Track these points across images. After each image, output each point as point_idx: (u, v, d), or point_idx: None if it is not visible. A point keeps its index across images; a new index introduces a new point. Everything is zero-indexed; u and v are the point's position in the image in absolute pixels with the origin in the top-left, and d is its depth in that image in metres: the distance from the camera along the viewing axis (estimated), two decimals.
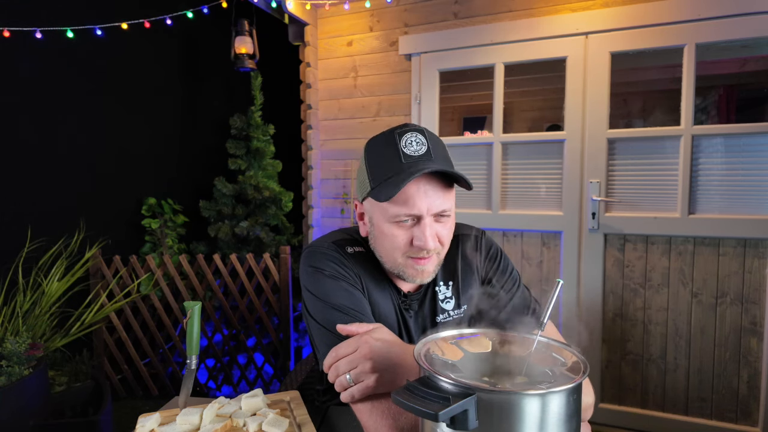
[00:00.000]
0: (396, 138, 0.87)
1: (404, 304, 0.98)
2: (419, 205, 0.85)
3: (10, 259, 2.05)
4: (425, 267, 0.89)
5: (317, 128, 2.88)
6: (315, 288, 0.91)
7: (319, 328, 0.89)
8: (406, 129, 0.88)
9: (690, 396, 2.17)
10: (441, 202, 0.86)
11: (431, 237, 0.86)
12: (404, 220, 0.87)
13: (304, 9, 2.66)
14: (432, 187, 0.85)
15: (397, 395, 0.53)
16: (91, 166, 2.74)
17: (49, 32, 2.17)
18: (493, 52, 2.41)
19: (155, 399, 2.62)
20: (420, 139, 0.87)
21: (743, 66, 3.18)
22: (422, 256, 0.88)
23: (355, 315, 0.87)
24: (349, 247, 0.97)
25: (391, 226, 0.88)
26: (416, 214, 0.85)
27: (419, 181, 0.85)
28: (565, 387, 0.53)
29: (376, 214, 0.90)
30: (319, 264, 0.93)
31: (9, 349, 1.68)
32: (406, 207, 0.85)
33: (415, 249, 0.87)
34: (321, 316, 0.89)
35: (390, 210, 0.86)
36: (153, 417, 0.84)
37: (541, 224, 2.38)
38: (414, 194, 0.84)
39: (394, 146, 0.86)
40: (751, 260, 2.05)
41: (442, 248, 0.91)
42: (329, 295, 0.89)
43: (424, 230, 0.85)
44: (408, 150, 0.86)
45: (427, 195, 0.85)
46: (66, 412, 2.01)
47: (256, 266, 2.61)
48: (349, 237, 1.00)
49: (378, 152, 0.90)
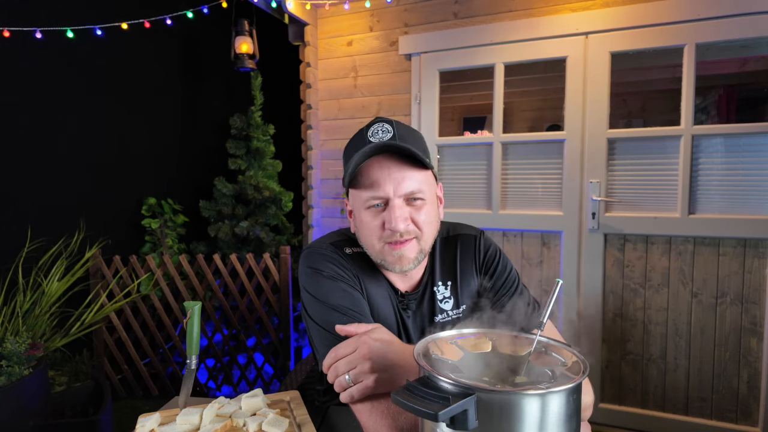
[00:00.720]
0: (364, 130, 0.92)
1: (402, 303, 0.98)
2: (384, 187, 0.87)
3: (10, 259, 2.05)
4: (402, 252, 0.90)
5: (317, 128, 2.88)
6: (314, 289, 0.92)
7: (318, 329, 0.89)
8: (375, 121, 0.93)
9: (690, 396, 2.17)
10: (408, 184, 0.88)
11: (400, 218, 0.87)
12: (375, 205, 0.89)
13: (304, 9, 2.66)
14: (398, 169, 0.88)
15: (397, 395, 0.53)
16: (91, 166, 2.74)
17: (49, 32, 2.17)
18: (493, 52, 2.41)
19: (155, 399, 2.62)
20: (386, 128, 0.90)
21: (743, 66, 3.18)
22: (396, 239, 0.89)
23: (354, 316, 0.88)
24: (347, 248, 0.98)
25: (365, 212, 0.91)
26: (382, 196, 0.88)
27: (384, 164, 0.88)
28: (565, 387, 0.53)
29: (355, 203, 0.94)
30: (317, 265, 0.94)
31: (9, 349, 1.68)
32: (373, 189, 0.88)
33: (387, 233, 0.89)
34: (320, 317, 0.89)
35: (362, 195, 0.90)
36: (153, 417, 0.84)
37: (541, 224, 2.38)
38: (379, 177, 0.88)
39: (362, 136, 0.91)
40: (751, 260, 2.05)
41: (421, 233, 0.91)
42: (328, 296, 0.90)
43: (392, 212, 0.87)
44: (373, 137, 0.89)
45: (392, 177, 0.87)
46: (66, 412, 2.01)
47: (256, 266, 2.61)
48: (347, 238, 1.01)
49: (350, 146, 0.94)
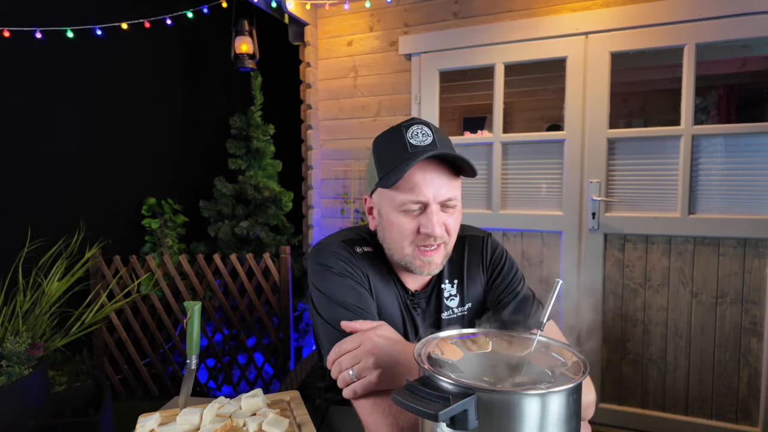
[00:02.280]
0: (402, 131, 0.90)
1: (412, 302, 0.99)
2: (425, 192, 0.87)
3: (10, 259, 2.05)
4: (432, 258, 0.91)
5: (317, 128, 2.88)
6: (322, 285, 0.92)
7: (324, 324, 0.90)
8: (412, 122, 0.91)
9: (690, 396, 2.17)
10: (447, 190, 0.88)
11: (438, 224, 0.87)
12: (412, 209, 0.88)
13: (304, 9, 2.66)
14: (438, 175, 0.88)
15: (398, 395, 0.53)
16: (91, 166, 2.74)
17: (49, 32, 2.17)
18: (493, 52, 2.41)
19: (155, 399, 2.61)
20: (425, 131, 0.89)
21: (743, 66, 3.18)
22: (429, 244, 0.90)
23: (361, 313, 0.88)
24: (358, 247, 0.98)
25: (398, 215, 0.89)
26: (422, 200, 0.87)
27: (425, 169, 0.87)
28: (565, 387, 0.53)
29: (384, 204, 0.92)
30: (327, 261, 0.94)
31: (9, 349, 1.68)
32: (413, 194, 0.87)
33: (422, 237, 0.89)
34: (327, 312, 0.90)
35: (397, 198, 0.88)
36: (153, 417, 0.84)
37: (541, 224, 2.38)
38: (420, 182, 0.87)
39: (401, 138, 0.89)
40: (751, 260, 2.05)
41: (449, 239, 0.93)
42: (335, 293, 0.90)
43: (431, 217, 0.87)
44: (414, 140, 0.88)
45: (433, 182, 0.87)
46: (66, 412, 2.00)
47: (256, 266, 2.61)
48: (359, 237, 1.01)
49: (385, 146, 0.93)
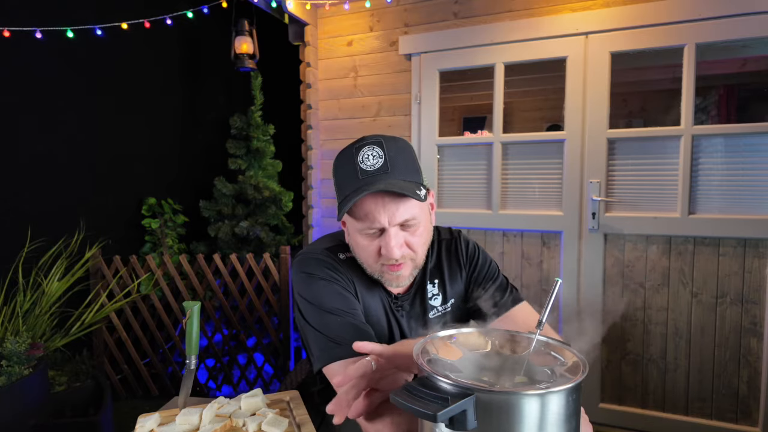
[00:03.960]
0: (354, 154, 0.89)
1: (395, 305, 1.02)
2: (379, 218, 0.87)
3: (10, 259, 2.05)
4: (399, 273, 0.93)
5: (317, 128, 2.88)
6: (308, 292, 0.93)
7: (312, 331, 0.90)
8: (363, 143, 0.90)
9: (690, 396, 2.17)
10: (402, 212, 0.88)
11: (396, 246, 0.89)
12: (370, 233, 0.90)
13: (304, 9, 2.66)
14: (391, 199, 0.87)
15: (396, 396, 0.53)
16: (91, 165, 2.74)
17: (49, 32, 2.17)
18: (493, 52, 2.41)
19: (155, 399, 2.61)
20: (377, 152, 0.88)
21: (743, 66, 3.18)
22: (392, 263, 0.91)
23: (349, 318, 0.90)
24: (341, 253, 1.00)
25: (361, 237, 0.92)
26: (377, 227, 0.89)
27: (377, 195, 0.87)
28: (565, 387, 0.53)
29: (350, 226, 0.95)
30: (311, 269, 0.96)
31: (9, 349, 1.68)
32: (368, 221, 0.88)
33: (384, 257, 0.91)
34: (314, 319, 0.91)
35: (356, 224, 0.91)
36: (152, 417, 0.84)
37: (541, 224, 2.38)
38: (373, 209, 0.87)
39: (353, 162, 0.89)
40: (751, 260, 2.05)
41: (415, 254, 0.94)
42: (323, 299, 0.92)
43: (388, 241, 0.88)
44: (364, 165, 0.88)
45: (386, 208, 0.87)
46: (66, 412, 2.01)
47: (256, 266, 2.61)
48: (341, 243, 1.02)
49: (340, 170, 0.93)
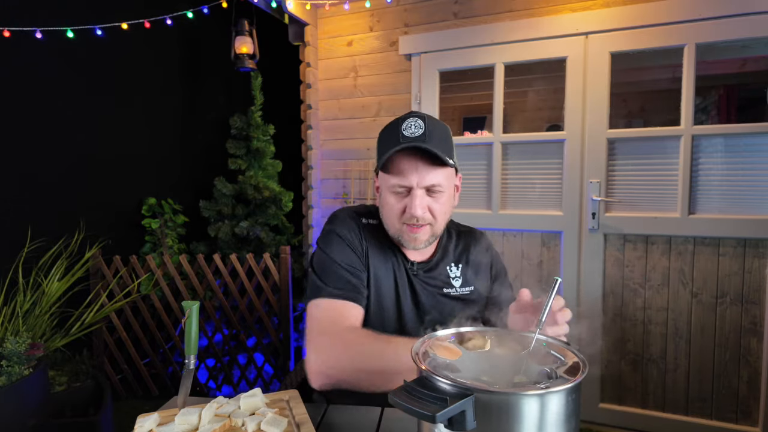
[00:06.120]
0: (399, 122, 1.03)
1: (413, 271, 1.11)
2: (410, 177, 1.00)
3: (10, 259, 2.05)
4: (418, 235, 1.03)
5: (317, 128, 2.88)
6: (323, 242, 1.09)
7: (312, 273, 1.05)
8: (409, 115, 1.03)
9: (690, 396, 2.17)
10: (431, 177, 1.00)
11: (420, 206, 0.99)
12: (399, 191, 1.02)
13: (304, 9, 2.66)
14: (423, 163, 0.99)
15: (395, 396, 0.53)
16: (91, 165, 2.74)
17: (49, 32, 2.17)
18: (493, 52, 2.41)
19: (155, 399, 2.61)
20: (419, 123, 1.01)
21: (743, 66, 3.18)
22: (413, 223, 1.01)
23: (352, 270, 1.04)
24: (365, 219, 1.13)
25: (390, 195, 1.03)
26: (407, 185, 1.00)
27: (412, 157, 0.99)
28: (564, 387, 0.53)
29: (382, 185, 1.07)
30: (334, 226, 1.10)
31: (9, 349, 1.68)
32: (400, 178, 1.00)
33: (407, 216, 1.01)
34: (317, 263, 1.06)
35: (389, 180, 1.02)
36: (152, 417, 0.84)
37: (541, 224, 2.38)
38: (406, 168, 1.00)
39: (397, 129, 1.02)
40: (751, 260, 2.05)
41: (435, 221, 1.04)
42: (333, 251, 1.06)
43: (413, 200, 1.00)
44: (406, 132, 1.00)
45: (418, 170, 0.99)
46: (66, 412, 2.01)
47: (256, 266, 2.61)
48: (368, 211, 1.17)
49: (385, 134, 1.07)
